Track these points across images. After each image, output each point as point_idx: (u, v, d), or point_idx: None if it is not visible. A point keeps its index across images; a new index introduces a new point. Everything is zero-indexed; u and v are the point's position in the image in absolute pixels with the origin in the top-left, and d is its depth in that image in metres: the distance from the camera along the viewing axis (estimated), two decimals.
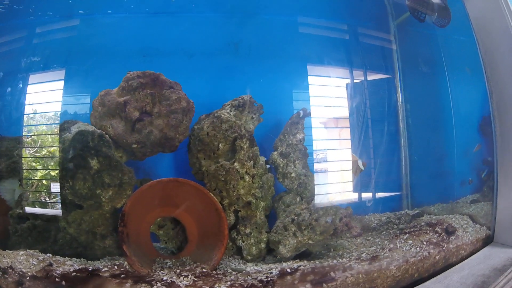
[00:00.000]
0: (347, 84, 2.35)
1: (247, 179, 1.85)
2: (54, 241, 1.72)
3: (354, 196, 2.49)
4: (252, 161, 1.89)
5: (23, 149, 1.83)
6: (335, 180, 2.43)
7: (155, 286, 1.35)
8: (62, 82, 1.98)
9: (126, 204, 1.65)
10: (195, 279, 1.45)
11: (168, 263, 1.70)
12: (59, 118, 1.92)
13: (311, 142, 2.11)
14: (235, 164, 1.85)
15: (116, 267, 1.56)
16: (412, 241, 1.82)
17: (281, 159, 2.02)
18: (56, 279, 1.36)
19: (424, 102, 2.61)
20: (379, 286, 1.47)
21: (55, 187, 1.79)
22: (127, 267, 1.58)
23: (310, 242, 1.72)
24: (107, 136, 1.76)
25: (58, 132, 1.81)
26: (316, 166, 2.22)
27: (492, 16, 2.07)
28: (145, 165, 2.03)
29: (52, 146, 1.89)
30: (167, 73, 1.99)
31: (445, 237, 1.89)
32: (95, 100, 1.85)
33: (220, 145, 1.88)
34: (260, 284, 1.39)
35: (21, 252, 1.57)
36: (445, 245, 1.79)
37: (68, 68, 2.00)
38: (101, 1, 2.16)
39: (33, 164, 1.98)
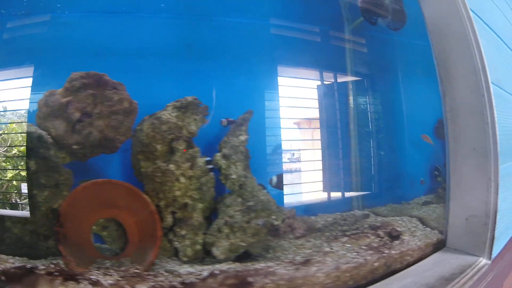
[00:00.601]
0: (299, 85, 2.38)
1: (183, 181, 1.82)
2: (1, 240, 1.78)
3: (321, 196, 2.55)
4: (189, 163, 1.86)
5: None
6: (293, 180, 2.48)
7: (81, 284, 1.37)
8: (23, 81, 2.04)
9: (62, 204, 1.65)
10: (119, 278, 1.45)
11: (107, 264, 1.75)
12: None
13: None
14: (171, 165, 1.82)
15: (53, 266, 1.62)
16: (350, 244, 1.76)
17: (223, 161, 1.99)
18: None
19: (378, 105, 2.62)
20: None
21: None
22: (63, 266, 1.65)
23: (243, 244, 1.68)
24: (47, 137, 1.79)
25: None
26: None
27: (447, 16, 2.02)
28: (97, 167, 2.08)
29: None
30: (119, 73, 1.99)
31: (388, 241, 1.82)
32: (40, 100, 1.84)
33: (158, 146, 1.85)
34: (182, 286, 1.42)
35: None
36: (387, 251, 1.71)
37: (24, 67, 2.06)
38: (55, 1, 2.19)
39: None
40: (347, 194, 2.56)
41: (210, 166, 1.97)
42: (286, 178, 2.30)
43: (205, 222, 1.89)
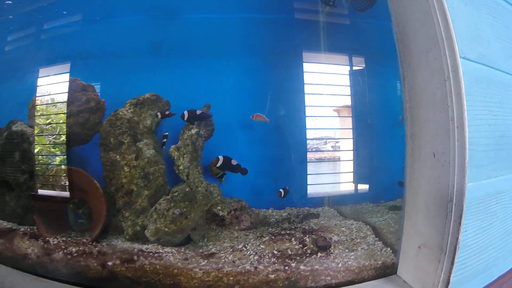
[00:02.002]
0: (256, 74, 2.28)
1: (126, 170, 1.98)
2: (3, 210, 2.26)
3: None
4: (134, 154, 2.01)
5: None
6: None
7: (39, 241, 1.83)
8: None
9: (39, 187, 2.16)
10: (61, 241, 1.87)
11: (72, 234, 2.19)
12: None
13: None
14: (117, 156, 2.00)
15: (30, 229, 2.13)
16: (264, 246, 1.66)
17: (176, 152, 2.07)
18: None
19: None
20: (182, 284, 1.46)
21: None
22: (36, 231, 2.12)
23: (166, 229, 1.74)
24: (29, 133, 2.19)
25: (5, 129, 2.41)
26: None
27: None
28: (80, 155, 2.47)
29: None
30: (98, 74, 2.36)
31: (308, 251, 1.61)
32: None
33: (111, 139, 2.03)
34: (96, 253, 1.70)
35: None
36: (294, 264, 1.50)
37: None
38: (47, 14, 2.59)
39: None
40: (321, 189, 2.39)
41: (164, 140, 2.11)
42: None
43: (149, 207, 2.07)
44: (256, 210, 2.13)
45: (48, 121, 2.04)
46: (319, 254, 1.59)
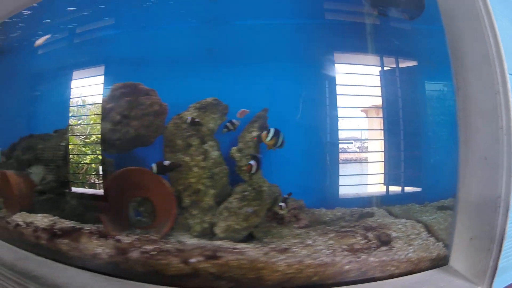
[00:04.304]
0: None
1: (196, 170, 2.39)
2: (63, 209, 2.62)
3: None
4: (202, 156, 2.42)
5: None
6: None
7: (109, 239, 2.08)
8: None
9: (104, 185, 2.50)
10: (134, 239, 2.14)
11: (137, 232, 2.57)
12: None
13: None
14: (186, 158, 2.42)
15: (95, 228, 2.47)
16: (333, 241, 2.01)
17: (238, 154, 2.48)
18: (55, 230, 2.29)
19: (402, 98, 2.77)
20: (266, 277, 1.77)
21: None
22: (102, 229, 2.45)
23: (237, 226, 2.16)
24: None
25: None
26: None
27: (461, 5, 1.92)
28: (138, 156, 2.84)
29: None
30: (154, 79, 2.78)
31: (373, 245, 1.95)
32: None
33: (178, 141, 2.46)
34: (176, 251, 1.93)
35: (39, 215, 2.56)
36: (363, 256, 1.84)
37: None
38: (103, 20, 2.95)
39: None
40: (372, 189, 2.84)
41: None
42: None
43: (217, 205, 2.44)
44: (310, 209, 2.51)
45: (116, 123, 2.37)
46: (382, 247, 1.96)
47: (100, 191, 2.43)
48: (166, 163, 2.39)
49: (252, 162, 2.32)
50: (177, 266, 1.81)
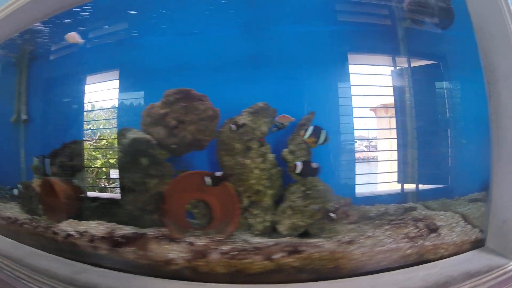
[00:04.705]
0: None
1: (257, 172, 2.68)
2: (115, 214, 2.75)
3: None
4: (261, 158, 2.72)
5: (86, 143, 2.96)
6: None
7: (182, 243, 2.18)
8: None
9: (166, 189, 2.65)
10: (208, 241, 2.28)
11: (197, 233, 2.69)
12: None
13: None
14: (247, 160, 2.71)
15: (159, 232, 2.58)
16: (390, 232, 2.34)
17: (289, 155, 2.79)
18: (115, 238, 2.30)
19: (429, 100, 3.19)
20: (343, 265, 2.06)
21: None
22: (166, 233, 2.58)
23: (301, 223, 2.50)
24: (152, 140, 2.74)
25: (117, 136, 2.90)
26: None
27: (489, 12, 2.33)
28: (187, 160, 2.99)
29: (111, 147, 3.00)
30: (199, 85, 2.93)
31: (425, 233, 2.30)
32: (143, 111, 2.85)
33: (236, 145, 2.74)
34: (252, 249, 2.14)
35: (92, 222, 2.65)
36: (420, 241, 2.20)
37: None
38: (144, 26, 3.13)
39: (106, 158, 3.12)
40: (406, 187, 3.18)
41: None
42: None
43: (274, 205, 2.75)
44: (356, 206, 2.79)
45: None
46: (432, 234, 2.35)
47: (160, 195, 2.49)
48: (218, 174, 2.63)
49: (298, 163, 2.59)
50: (261, 263, 1.98)
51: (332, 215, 2.63)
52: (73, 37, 2.90)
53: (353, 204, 2.93)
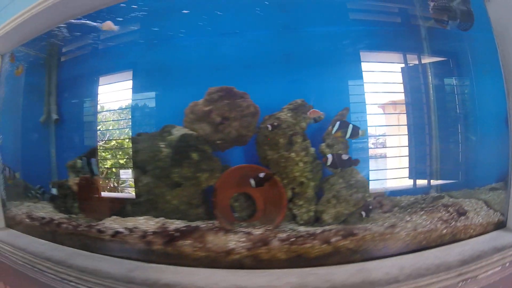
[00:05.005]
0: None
1: (301, 165, 2.98)
2: (161, 209, 2.96)
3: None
4: (304, 152, 3.02)
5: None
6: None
7: (239, 233, 2.37)
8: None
9: (216, 182, 2.88)
10: (264, 230, 2.52)
11: (243, 225, 2.86)
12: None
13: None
14: (292, 154, 2.99)
15: (210, 224, 2.74)
16: (426, 216, 2.71)
17: (327, 149, 3.12)
18: (170, 232, 2.41)
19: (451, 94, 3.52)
20: (391, 245, 2.38)
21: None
22: (218, 225, 2.75)
23: (345, 211, 2.81)
24: (199, 136, 2.95)
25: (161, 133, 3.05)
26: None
27: (507, 19, 2.68)
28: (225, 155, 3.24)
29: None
30: (235, 83, 3.13)
31: (455, 216, 2.67)
32: (186, 109, 3.07)
33: (281, 139, 3.02)
34: (307, 236, 2.40)
35: (140, 218, 2.83)
36: (453, 223, 2.58)
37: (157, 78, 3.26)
38: (180, 27, 3.34)
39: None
40: (430, 180, 3.48)
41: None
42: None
43: (315, 196, 3.00)
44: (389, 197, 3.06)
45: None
46: (461, 217, 2.71)
47: (208, 188, 2.67)
48: (261, 175, 2.86)
49: (329, 155, 2.89)
50: (320, 247, 2.21)
51: (363, 213, 2.86)
52: (108, 25, 3.05)
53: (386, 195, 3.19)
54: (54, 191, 3.35)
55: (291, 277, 1.97)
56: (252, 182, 2.78)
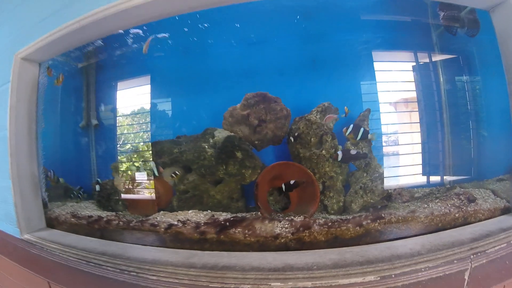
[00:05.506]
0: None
1: (331, 161, 3.43)
2: (206, 203, 3.40)
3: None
4: (333, 149, 3.48)
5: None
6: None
7: (282, 221, 2.68)
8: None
9: (258, 177, 3.33)
10: (304, 218, 3.01)
11: (280, 216, 3.29)
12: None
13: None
14: (323, 151, 3.47)
15: (254, 215, 3.16)
16: (440, 203, 3.20)
17: (352, 147, 3.56)
18: (221, 222, 2.75)
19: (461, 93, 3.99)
20: (412, 226, 2.86)
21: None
22: (260, 215, 3.17)
23: (371, 201, 3.27)
24: (240, 137, 3.39)
25: (203, 134, 3.48)
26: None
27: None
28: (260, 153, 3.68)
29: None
30: (266, 88, 3.56)
31: (466, 203, 3.16)
32: (225, 113, 3.52)
33: (312, 139, 3.49)
34: (341, 221, 2.91)
35: (189, 211, 3.25)
36: (465, 208, 3.05)
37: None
38: (214, 38, 3.77)
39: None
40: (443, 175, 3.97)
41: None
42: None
43: (343, 188, 3.41)
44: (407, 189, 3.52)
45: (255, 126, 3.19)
46: (471, 203, 3.20)
47: (251, 183, 3.11)
48: (292, 182, 3.31)
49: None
50: (354, 230, 2.62)
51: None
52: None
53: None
54: (98, 187, 3.75)
55: (332, 255, 2.34)
56: (283, 187, 3.21)
